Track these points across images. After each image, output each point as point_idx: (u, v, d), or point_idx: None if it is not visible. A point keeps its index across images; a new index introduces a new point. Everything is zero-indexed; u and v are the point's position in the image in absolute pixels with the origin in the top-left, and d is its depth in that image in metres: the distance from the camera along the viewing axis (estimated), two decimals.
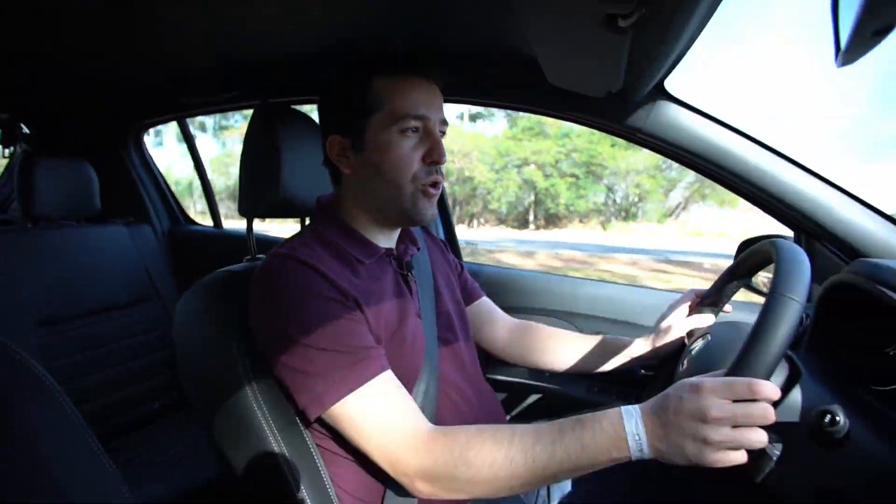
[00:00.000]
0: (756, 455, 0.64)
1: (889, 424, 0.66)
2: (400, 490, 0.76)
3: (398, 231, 0.92)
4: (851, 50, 0.39)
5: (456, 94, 1.25)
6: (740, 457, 0.61)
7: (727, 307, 0.99)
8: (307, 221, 1.05)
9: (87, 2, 0.86)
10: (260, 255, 1.01)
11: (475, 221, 15.87)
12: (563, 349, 1.09)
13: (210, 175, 2.13)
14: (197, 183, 2.14)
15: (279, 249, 0.78)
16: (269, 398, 0.79)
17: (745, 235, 1.07)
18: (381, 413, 0.70)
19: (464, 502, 0.83)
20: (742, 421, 0.60)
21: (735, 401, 0.61)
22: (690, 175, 13.75)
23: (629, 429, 0.65)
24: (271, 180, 0.94)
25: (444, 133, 0.85)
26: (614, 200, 15.12)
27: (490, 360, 1.16)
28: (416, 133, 0.81)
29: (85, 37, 1.07)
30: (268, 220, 1.14)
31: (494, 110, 13.45)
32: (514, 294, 1.48)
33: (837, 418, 0.60)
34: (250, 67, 1.27)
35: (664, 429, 0.63)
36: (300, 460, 0.79)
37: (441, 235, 1.65)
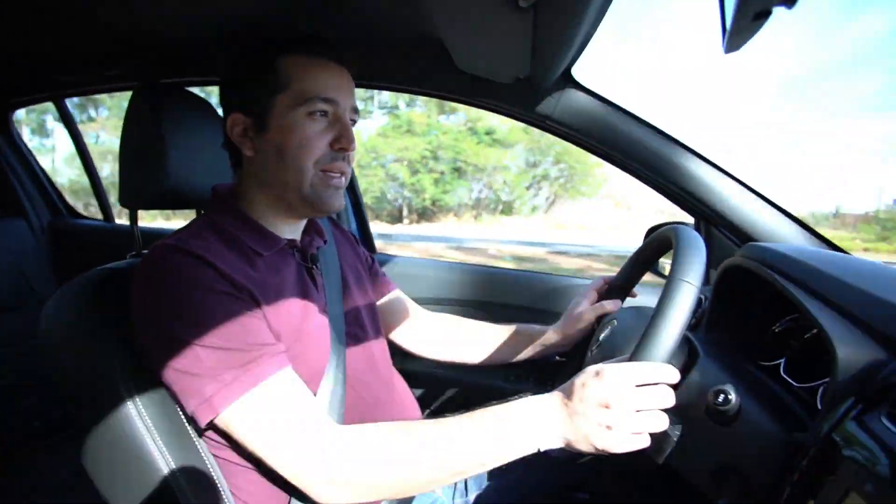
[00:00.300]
0: (658, 437, 0.66)
1: (773, 397, 0.70)
2: (304, 497, 0.72)
3: (303, 222, 0.87)
4: (735, 34, 0.39)
5: (367, 80, 1.20)
6: (644, 441, 0.63)
7: (634, 291, 1.02)
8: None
9: None
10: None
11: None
12: (477, 341, 1.08)
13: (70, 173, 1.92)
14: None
15: (165, 241, 0.70)
16: (155, 410, 0.71)
17: (602, 227, 1.12)
18: (279, 415, 0.65)
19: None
20: (644, 405, 0.62)
21: (637, 386, 0.62)
22: (555, 171, 15.05)
23: (537, 419, 0.64)
24: (156, 168, 0.85)
25: (354, 121, 0.81)
26: (478, 197, 15.97)
27: (406, 354, 1.13)
28: (325, 117, 0.77)
29: None
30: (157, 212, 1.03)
31: (373, 108, 14.27)
32: (427, 284, 1.46)
33: (730, 396, 0.63)
34: (138, 44, 1.13)
35: (570, 417, 0.63)
36: (193, 475, 0.72)
37: (353, 228, 1.59)
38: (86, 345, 0.71)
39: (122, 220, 1.97)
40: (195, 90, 1.04)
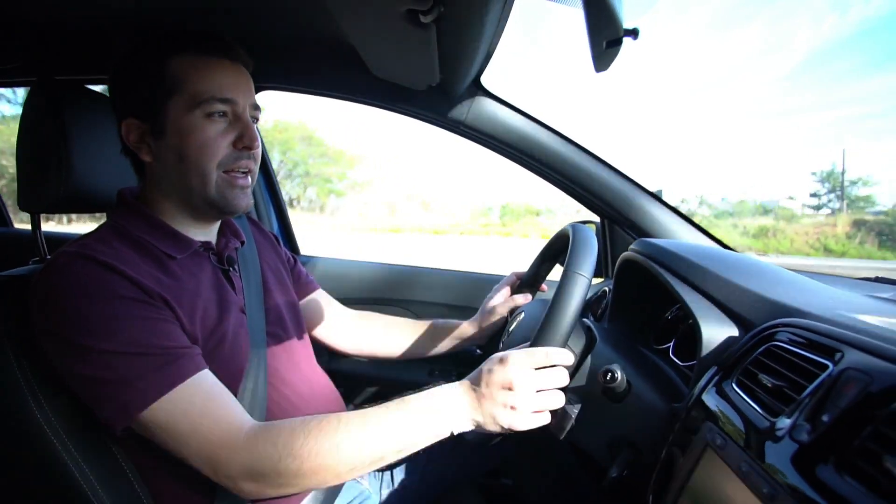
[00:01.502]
0: (560, 416, 0.72)
1: (661, 376, 0.79)
2: (228, 496, 0.72)
3: (216, 224, 0.85)
4: (597, 58, 0.45)
5: (279, 82, 1.20)
6: (544, 419, 0.69)
7: (543, 286, 1.09)
8: None
9: None
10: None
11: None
12: (397, 336, 1.11)
13: None
14: None
15: (67, 248, 0.68)
16: (65, 419, 0.68)
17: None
18: (196, 415, 0.65)
19: (297, 497, 0.80)
20: (542, 385, 0.68)
21: (536, 369, 0.68)
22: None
23: (448, 404, 0.69)
24: (58, 169, 0.81)
25: (256, 119, 0.80)
26: None
27: (332, 352, 1.14)
28: (224, 118, 0.75)
29: None
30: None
31: None
32: (350, 284, 1.48)
33: (616, 375, 0.70)
34: (27, 35, 1.06)
35: (479, 401, 0.68)
36: (113, 483, 0.70)
37: (275, 228, 1.57)
38: None
39: (22, 224, 1.83)
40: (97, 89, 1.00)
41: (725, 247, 1.19)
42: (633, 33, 0.40)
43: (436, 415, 0.68)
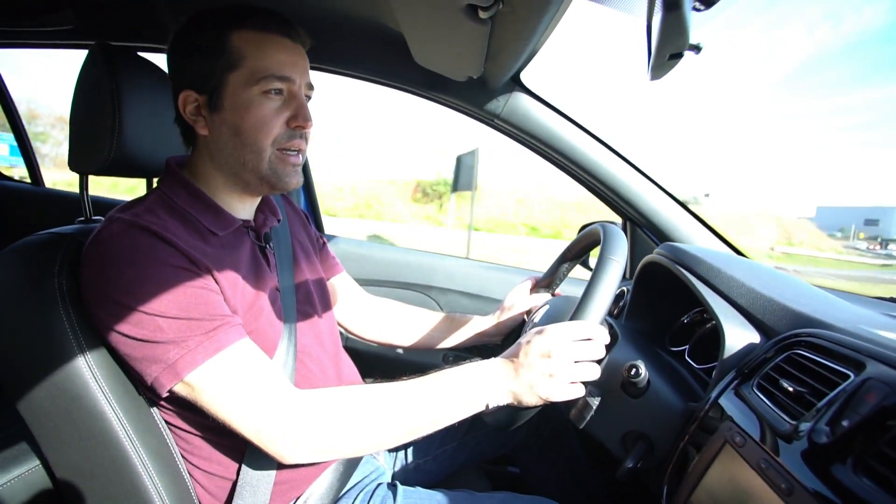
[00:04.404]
0: (581, 406, 0.75)
1: (677, 376, 0.82)
2: (256, 462, 0.75)
3: (257, 200, 0.87)
4: (656, 68, 0.47)
5: (323, 62, 1.22)
6: (580, 391, 0.72)
7: (558, 291, 1.11)
8: (154, 184, 0.95)
9: None
10: (97, 218, 0.89)
11: None
12: (413, 326, 1.13)
13: None
14: None
15: (121, 214, 0.70)
16: (109, 373, 0.71)
17: None
18: (243, 379, 0.67)
19: (318, 469, 0.84)
20: (580, 356, 0.70)
21: (574, 341, 0.71)
22: None
23: (485, 376, 0.72)
24: (110, 133, 0.83)
25: (309, 98, 0.81)
26: None
27: (348, 333, 1.17)
28: (280, 95, 0.76)
29: None
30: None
31: None
32: (372, 267, 1.50)
33: (640, 370, 0.73)
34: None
35: (517, 371, 0.71)
36: (147, 436, 0.73)
37: (303, 206, 1.60)
38: (34, 308, 0.70)
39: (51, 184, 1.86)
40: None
41: (741, 254, 1.21)
42: (696, 48, 0.42)
43: (472, 387, 0.71)
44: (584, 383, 0.73)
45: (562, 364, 0.69)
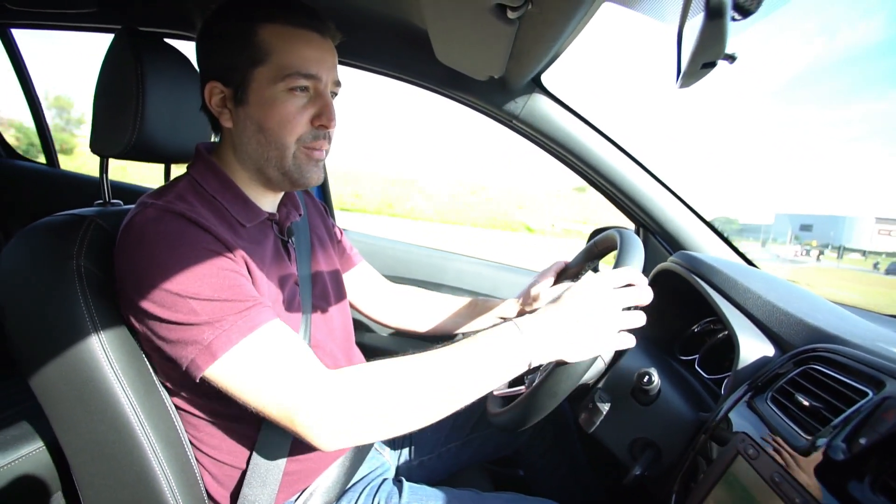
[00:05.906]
0: (591, 410, 0.75)
1: (687, 385, 0.82)
2: (267, 452, 0.75)
3: (281, 195, 0.87)
4: (687, 76, 0.47)
5: (348, 57, 1.22)
6: (630, 341, 0.68)
7: None
8: (171, 171, 0.96)
9: None
10: (116, 201, 0.90)
11: None
12: (436, 310, 1.13)
13: None
14: None
15: (154, 200, 0.70)
16: (123, 356, 0.71)
17: None
18: (276, 358, 0.65)
19: (326, 461, 0.84)
20: (626, 301, 0.66)
21: (616, 289, 0.68)
22: None
23: (526, 335, 0.66)
24: (134, 118, 0.83)
25: (335, 94, 0.80)
26: None
27: (359, 326, 1.17)
28: (306, 92, 0.74)
29: None
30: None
31: None
32: (383, 262, 1.51)
33: (653, 378, 0.73)
34: None
35: (561, 325, 0.66)
36: (157, 421, 0.73)
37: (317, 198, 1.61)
38: (52, 287, 0.70)
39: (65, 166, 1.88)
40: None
41: (752, 264, 1.20)
42: (731, 58, 0.42)
43: (514, 346, 0.66)
44: (593, 390, 0.73)
45: (608, 314, 0.66)
